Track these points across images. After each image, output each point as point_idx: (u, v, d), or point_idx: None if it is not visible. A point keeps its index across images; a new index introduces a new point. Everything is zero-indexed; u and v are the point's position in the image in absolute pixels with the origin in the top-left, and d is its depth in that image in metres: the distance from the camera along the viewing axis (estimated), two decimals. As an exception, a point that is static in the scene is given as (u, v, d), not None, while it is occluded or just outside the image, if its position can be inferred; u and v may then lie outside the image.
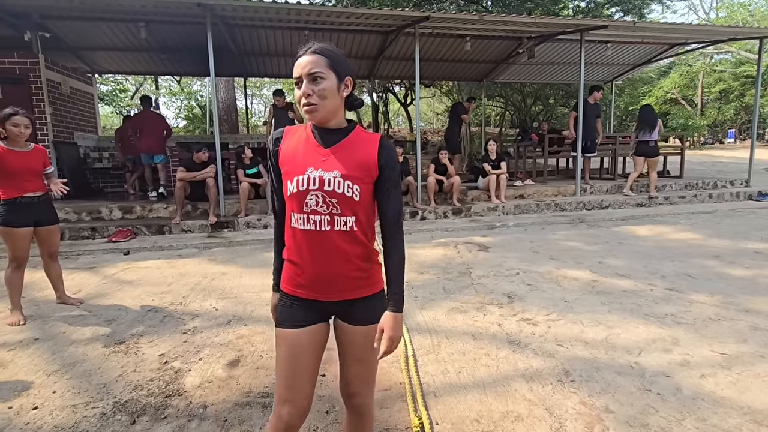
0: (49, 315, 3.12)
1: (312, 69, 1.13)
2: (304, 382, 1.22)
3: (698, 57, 23.02)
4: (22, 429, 1.84)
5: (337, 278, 1.19)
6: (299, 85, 1.14)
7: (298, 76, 1.14)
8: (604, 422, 1.81)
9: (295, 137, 1.21)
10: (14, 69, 6.54)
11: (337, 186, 1.14)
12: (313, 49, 1.15)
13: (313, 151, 1.17)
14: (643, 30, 7.56)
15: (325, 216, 1.15)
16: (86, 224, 5.83)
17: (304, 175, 1.14)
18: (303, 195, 1.14)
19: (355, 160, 1.17)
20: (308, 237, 1.16)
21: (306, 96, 1.13)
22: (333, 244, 1.16)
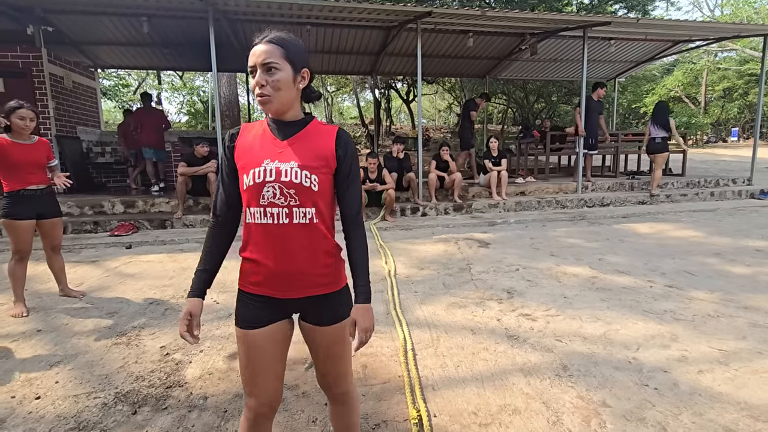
0: (51, 307, 3.15)
1: (266, 59, 1.10)
2: (267, 380, 1.20)
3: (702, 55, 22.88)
4: (24, 418, 1.86)
5: (299, 274, 1.15)
6: (253, 74, 1.12)
7: (253, 65, 1.12)
8: (601, 416, 1.82)
9: (252, 133, 1.20)
10: (17, 63, 6.55)
11: (294, 176, 1.11)
12: (269, 38, 1.12)
13: (270, 144, 1.16)
14: (647, 27, 7.52)
15: (282, 208, 1.12)
16: (89, 218, 5.86)
17: (260, 167, 1.13)
18: (260, 187, 1.12)
19: (313, 151, 1.16)
20: (266, 231, 1.13)
21: (259, 86, 1.10)
22: (293, 238, 1.13)
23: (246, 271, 1.19)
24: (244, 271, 1.20)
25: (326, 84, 20.56)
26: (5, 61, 6.51)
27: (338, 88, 21.62)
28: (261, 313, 1.19)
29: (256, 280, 1.17)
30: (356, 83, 19.44)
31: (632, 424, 1.76)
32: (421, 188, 6.87)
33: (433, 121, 28.95)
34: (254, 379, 1.20)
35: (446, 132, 21.37)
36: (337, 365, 1.27)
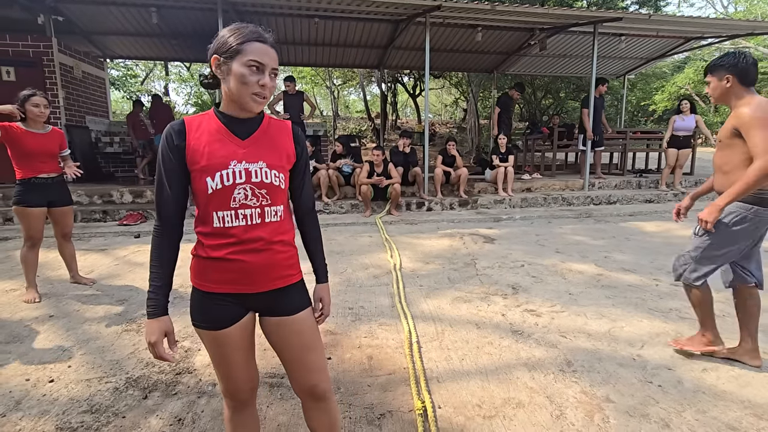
0: (63, 293, 3.20)
1: (275, 65, 1.12)
2: (243, 372, 1.22)
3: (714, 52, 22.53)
4: (39, 400, 1.91)
5: (271, 267, 1.16)
6: (260, 70, 1.08)
7: (265, 63, 1.09)
8: (604, 411, 1.84)
9: (203, 130, 1.11)
10: (28, 52, 6.61)
11: (264, 176, 1.12)
12: (273, 42, 1.14)
13: (230, 143, 1.11)
14: (659, 23, 7.42)
15: (255, 209, 1.12)
16: (98, 207, 5.92)
17: (228, 169, 1.09)
18: (230, 190, 1.09)
19: (276, 149, 1.17)
20: (237, 233, 1.11)
21: (263, 87, 1.09)
22: (265, 237, 1.14)
23: (210, 270, 1.14)
24: (206, 271, 1.14)
25: (333, 77, 20.51)
26: (16, 50, 6.56)
27: (345, 81, 21.54)
28: (231, 311, 1.16)
29: (225, 278, 1.14)
30: (363, 77, 19.37)
31: (635, 420, 1.78)
32: (426, 183, 6.87)
33: (439, 116, 28.82)
34: (231, 375, 1.21)
35: (452, 127, 21.28)
36: (318, 357, 1.25)
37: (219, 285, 1.14)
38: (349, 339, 2.49)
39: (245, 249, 1.12)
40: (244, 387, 1.25)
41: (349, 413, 1.83)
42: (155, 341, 1.12)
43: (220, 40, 1.10)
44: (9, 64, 6.54)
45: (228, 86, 1.10)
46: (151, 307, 1.13)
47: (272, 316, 1.21)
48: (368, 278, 3.54)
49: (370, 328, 2.64)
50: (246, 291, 1.16)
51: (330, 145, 9.78)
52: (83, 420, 1.78)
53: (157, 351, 1.13)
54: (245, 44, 1.07)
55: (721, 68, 2.08)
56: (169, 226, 1.13)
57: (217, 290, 1.15)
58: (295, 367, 1.24)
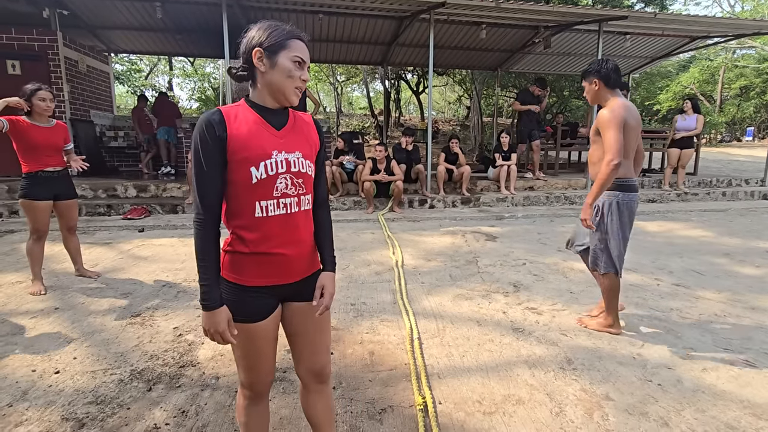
0: (68, 286, 3.23)
1: (309, 62, 1.18)
2: (267, 365, 1.26)
3: (720, 51, 22.40)
4: (45, 391, 1.94)
5: (304, 257, 1.23)
6: (301, 66, 1.15)
7: (305, 60, 1.15)
8: (604, 409, 1.85)
9: (242, 120, 1.13)
10: (33, 46, 6.62)
11: (301, 166, 1.18)
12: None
13: (269, 134, 1.15)
14: (664, 22, 7.38)
15: (293, 198, 1.17)
16: (102, 201, 5.96)
17: (271, 159, 1.12)
18: (273, 180, 1.13)
19: (306, 140, 1.22)
20: (277, 222, 1.15)
21: (304, 81, 1.16)
22: (299, 224, 1.20)
23: (251, 265, 1.16)
24: (245, 265, 1.16)
25: (336, 73, 20.47)
26: (22, 43, 6.58)
27: (348, 77, 21.50)
28: (266, 303, 1.20)
29: (265, 272, 1.17)
30: (366, 73, 19.33)
31: (634, 418, 1.79)
32: (429, 180, 6.88)
33: (443, 113, 28.76)
34: (258, 366, 1.24)
35: (455, 125, 21.24)
36: (326, 338, 1.33)
37: (257, 279, 1.17)
38: (351, 335, 2.51)
39: (286, 241, 1.17)
40: (266, 379, 1.28)
41: (350, 408, 1.85)
42: (224, 329, 1.12)
43: (262, 34, 1.12)
44: (14, 58, 6.56)
45: (269, 79, 1.13)
46: (209, 300, 1.11)
47: (296, 302, 1.26)
48: (370, 275, 3.56)
49: (372, 324, 2.65)
50: (282, 282, 1.20)
51: (333, 141, 9.78)
52: (88, 411, 1.81)
53: (227, 337, 1.13)
54: (290, 40, 1.13)
55: (590, 74, 2.37)
56: (213, 216, 1.12)
57: (254, 284, 1.17)
58: (309, 349, 1.30)
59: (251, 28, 1.16)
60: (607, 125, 2.26)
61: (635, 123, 2.32)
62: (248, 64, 1.15)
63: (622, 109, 2.27)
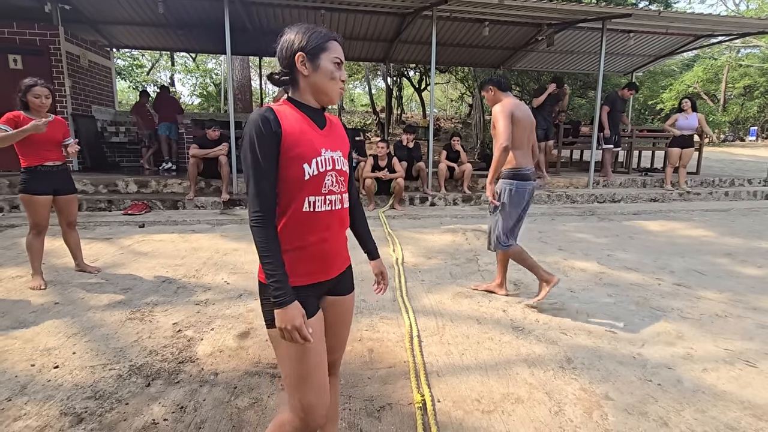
0: (68, 281, 3.24)
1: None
2: (324, 376, 1.18)
3: (724, 50, 22.27)
4: (44, 385, 1.94)
5: (340, 252, 1.27)
6: (340, 66, 1.18)
7: (342, 61, 1.19)
8: (603, 408, 1.85)
9: (292, 118, 1.14)
10: (35, 40, 6.61)
11: (343, 165, 1.22)
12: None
13: (316, 132, 1.17)
14: (668, 20, 7.33)
15: (337, 195, 1.21)
16: (103, 196, 5.96)
17: (321, 156, 1.15)
18: (323, 176, 1.16)
19: (342, 140, 1.27)
20: (323, 218, 1.17)
21: (343, 81, 1.20)
22: (342, 221, 1.24)
23: (295, 262, 1.15)
24: (290, 263, 1.13)
25: (338, 70, 20.40)
26: (23, 38, 6.57)
27: (350, 74, 21.45)
28: (313, 301, 1.19)
29: (309, 268, 1.17)
30: (368, 70, 19.28)
31: (634, 418, 1.79)
32: (430, 178, 6.86)
33: (444, 110, 28.68)
34: (315, 375, 1.14)
35: (457, 122, 21.18)
36: (348, 332, 1.39)
37: (304, 277, 1.17)
38: (350, 332, 2.50)
39: (329, 236, 1.20)
40: (323, 399, 1.17)
41: (348, 405, 1.85)
42: (300, 324, 1.08)
43: (302, 38, 1.14)
44: (16, 52, 6.55)
45: (313, 81, 1.16)
46: (282, 295, 1.07)
47: (330, 296, 1.29)
48: (370, 272, 3.55)
49: (371, 321, 2.65)
50: (325, 278, 1.22)
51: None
52: (87, 406, 1.81)
53: (304, 333, 1.08)
54: (329, 42, 1.16)
55: (487, 83, 2.96)
56: (272, 210, 1.11)
57: (301, 283, 1.16)
58: (331, 341, 1.31)
59: (287, 32, 1.17)
60: (498, 117, 2.78)
61: (522, 116, 2.80)
62: (290, 68, 1.17)
63: (511, 105, 2.78)
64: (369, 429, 1.70)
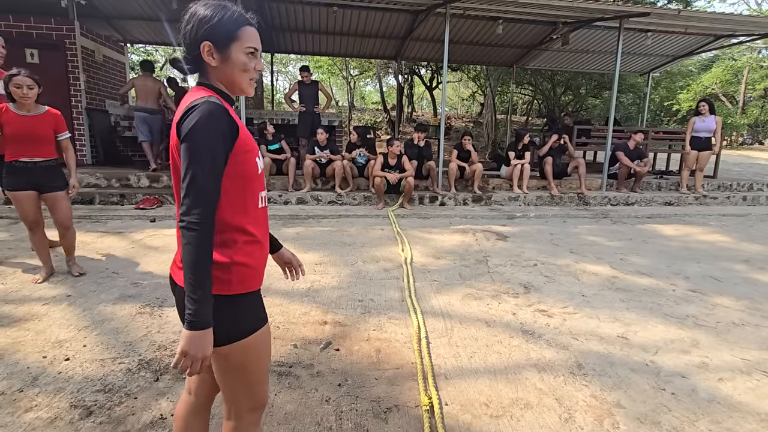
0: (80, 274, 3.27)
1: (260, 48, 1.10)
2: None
3: (745, 51, 21.74)
4: (55, 377, 1.96)
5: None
6: (255, 55, 1.07)
7: (257, 48, 1.07)
8: (615, 417, 1.81)
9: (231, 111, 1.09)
10: (51, 35, 6.70)
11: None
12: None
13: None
14: (688, 19, 7.16)
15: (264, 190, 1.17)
16: (116, 190, 6.03)
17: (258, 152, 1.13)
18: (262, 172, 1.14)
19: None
20: (264, 214, 1.14)
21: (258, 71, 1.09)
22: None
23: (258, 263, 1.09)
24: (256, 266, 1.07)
25: (350, 67, 20.40)
26: (40, 32, 6.66)
27: (361, 71, 21.42)
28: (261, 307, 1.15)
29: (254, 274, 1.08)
30: (380, 68, 19.22)
31: (646, 427, 1.74)
32: (440, 177, 6.81)
33: (455, 109, 28.50)
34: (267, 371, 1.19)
35: (468, 121, 21.04)
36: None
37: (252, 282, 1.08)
38: (358, 331, 2.50)
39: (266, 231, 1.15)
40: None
41: (355, 405, 1.83)
42: (207, 356, 0.96)
43: (208, 25, 1.00)
44: (33, 47, 6.65)
45: (222, 72, 1.05)
46: (204, 318, 0.94)
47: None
48: (379, 271, 3.54)
49: (379, 321, 2.64)
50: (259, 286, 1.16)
51: (345, 136, 9.77)
52: (96, 399, 1.82)
53: (203, 367, 0.97)
54: (241, 30, 1.03)
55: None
56: (212, 222, 0.97)
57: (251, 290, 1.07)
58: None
59: (193, 10, 1.03)
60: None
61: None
62: (195, 55, 1.04)
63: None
64: (375, 430, 1.69)
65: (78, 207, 5.51)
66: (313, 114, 7.22)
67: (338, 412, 1.79)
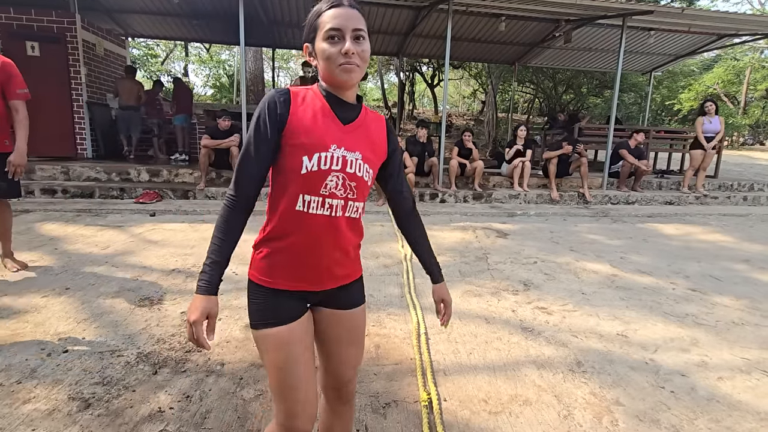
0: (79, 267, 3.27)
1: (358, 25, 0.99)
2: (309, 386, 1.06)
3: (747, 51, 21.67)
4: (53, 369, 1.96)
5: (335, 266, 1.08)
6: (335, 39, 0.97)
7: (339, 28, 0.97)
8: (614, 414, 1.80)
9: (308, 104, 1.02)
10: (52, 28, 6.67)
11: (358, 169, 1.04)
12: (353, 3, 1.01)
13: (333, 125, 1.03)
14: (691, 18, 7.13)
15: (340, 200, 1.03)
16: (116, 184, 6.02)
17: (327, 152, 1.00)
18: (324, 175, 1.00)
19: (371, 142, 1.09)
20: (317, 222, 1.02)
21: (350, 54, 0.97)
22: (340, 232, 1.06)
23: (281, 263, 1.04)
24: (276, 264, 1.04)
25: (351, 64, 20.32)
26: (41, 25, 6.62)
27: (363, 68, 21.35)
28: (298, 304, 1.07)
29: (296, 274, 1.04)
30: (381, 64, 19.16)
31: (645, 425, 1.74)
32: (441, 174, 6.80)
33: (456, 107, 28.44)
34: (298, 385, 1.04)
35: (469, 119, 21.00)
36: (359, 353, 1.20)
37: (285, 281, 1.04)
38: (357, 327, 2.49)
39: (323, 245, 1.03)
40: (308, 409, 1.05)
41: (354, 400, 1.83)
42: (196, 320, 0.96)
43: (306, 26, 1.04)
44: (34, 39, 6.61)
45: (321, 69, 1.03)
46: (203, 281, 0.99)
47: (328, 308, 1.14)
48: (378, 267, 3.53)
49: (378, 317, 2.63)
50: (315, 289, 1.08)
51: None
52: (95, 391, 1.82)
53: (196, 332, 0.97)
54: (320, 17, 0.99)
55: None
56: (247, 199, 1.02)
57: (281, 287, 1.04)
58: (334, 359, 1.17)
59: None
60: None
61: None
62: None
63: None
64: (374, 425, 1.69)
65: (78, 200, 5.50)
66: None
67: (337, 406, 1.79)
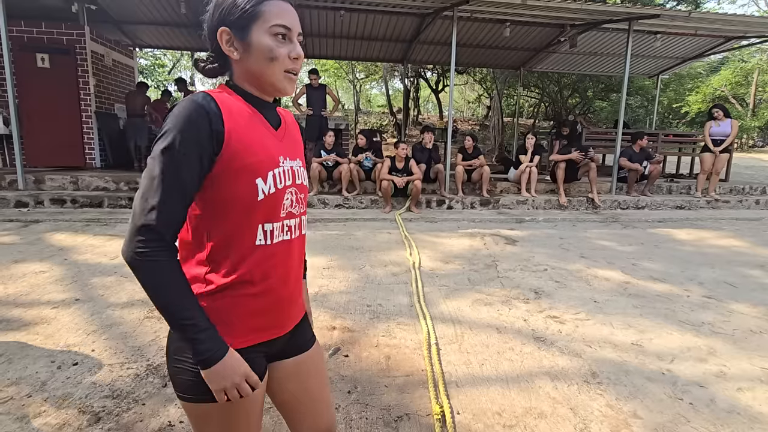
0: (88, 278, 3.28)
1: (300, 29, 0.84)
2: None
3: (755, 53, 21.50)
4: (63, 382, 1.95)
5: (296, 297, 0.93)
6: (284, 39, 0.81)
7: (290, 27, 0.81)
8: (632, 427, 1.76)
9: (238, 113, 0.80)
10: (62, 40, 6.78)
11: (303, 178, 0.91)
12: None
13: (269, 135, 0.85)
14: (698, 21, 7.09)
15: (297, 218, 0.89)
16: (124, 194, 6.06)
17: (279, 167, 0.83)
18: (281, 195, 0.83)
19: (297, 143, 0.95)
20: (280, 252, 0.85)
21: (296, 60, 0.83)
22: (301, 251, 0.93)
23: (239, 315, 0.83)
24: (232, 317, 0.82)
25: (356, 70, 20.46)
26: (51, 37, 6.74)
27: (368, 75, 21.46)
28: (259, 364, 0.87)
29: (258, 323, 0.86)
30: (386, 71, 19.25)
31: (665, 439, 1.69)
32: (447, 181, 6.78)
33: (461, 112, 28.45)
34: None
35: (474, 124, 20.99)
36: (328, 390, 1.05)
37: (250, 334, 0.85)
38: (366, 337, 2.46)
39: (284, 275, 0.87)
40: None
41: (365, 414, 1.80)
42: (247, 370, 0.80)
43: (224, 5, 0.81)
44: (44, 51, 6.72)
45: (246, 67, 0.82)
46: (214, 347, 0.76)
47: (288, 358, 0.95)
48: (387, 276, 3.51)
49: (388, 326, 2.60)
50: (278, 334, 0.90)
51: (351, 139, 9.77)
52: (105, 405, 1.81)
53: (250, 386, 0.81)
54: (261, 4, 0.80)
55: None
56: (173, 238, 0.76)
57: (246, 344, 0.84)
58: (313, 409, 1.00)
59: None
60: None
61: None
62: (216, 51, 0.84)
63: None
64: (386, 440, 1.66)
65: (87, 210, 5.55)
66: (321, 117, 7.23)
67: (348, 420, 1.76)
